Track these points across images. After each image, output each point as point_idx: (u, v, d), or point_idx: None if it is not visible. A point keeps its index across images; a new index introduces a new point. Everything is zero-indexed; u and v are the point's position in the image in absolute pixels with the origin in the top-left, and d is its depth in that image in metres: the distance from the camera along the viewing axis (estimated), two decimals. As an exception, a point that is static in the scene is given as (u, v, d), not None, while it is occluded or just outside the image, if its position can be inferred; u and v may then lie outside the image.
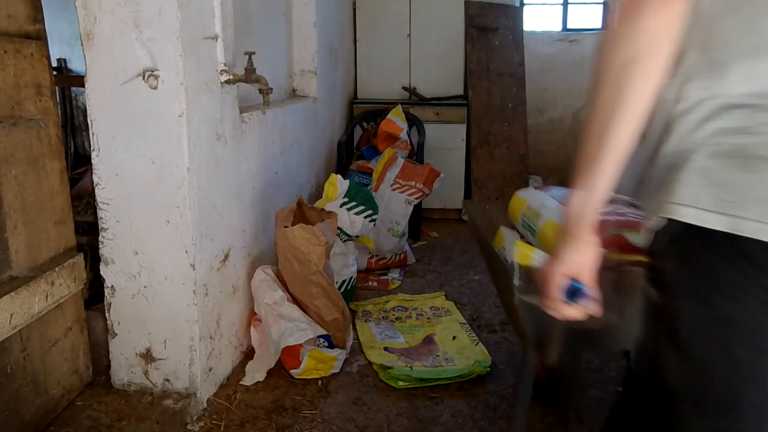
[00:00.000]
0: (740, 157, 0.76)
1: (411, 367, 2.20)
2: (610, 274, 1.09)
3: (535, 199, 1.74)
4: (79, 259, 1.81)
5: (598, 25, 4.61)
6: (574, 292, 0.89)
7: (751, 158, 0.75)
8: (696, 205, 0.78)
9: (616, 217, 1.48)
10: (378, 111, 4.11)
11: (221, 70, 1.92)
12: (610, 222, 1.45)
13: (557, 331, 1.25)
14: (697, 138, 0.80)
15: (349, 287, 2.67)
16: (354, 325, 2.50)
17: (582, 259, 0.88)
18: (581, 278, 0.89)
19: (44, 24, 1.70)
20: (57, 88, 3.77)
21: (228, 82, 1.95)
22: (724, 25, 0.77)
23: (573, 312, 0.91)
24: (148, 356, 1.88)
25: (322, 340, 2.15)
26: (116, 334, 1.89)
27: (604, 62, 0.78)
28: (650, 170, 0.88)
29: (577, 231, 0.87)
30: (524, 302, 1.35)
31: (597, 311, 0.92)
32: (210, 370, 1.96)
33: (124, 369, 1.90)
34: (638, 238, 1.35)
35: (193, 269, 1.81)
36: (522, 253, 1.37)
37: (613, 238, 1.41)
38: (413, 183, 3.26)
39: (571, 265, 0.88)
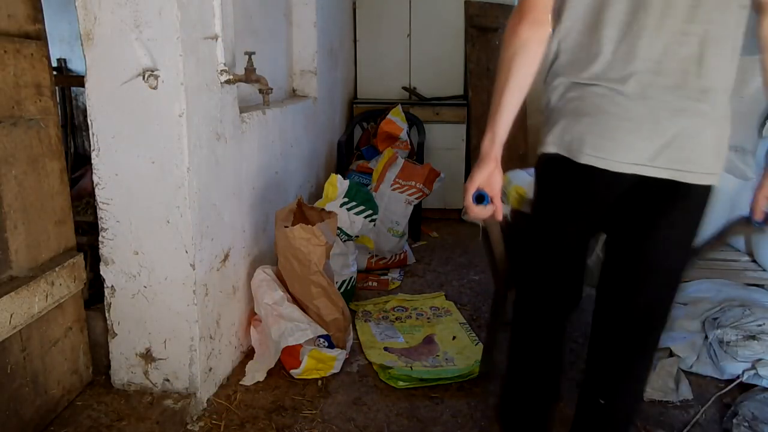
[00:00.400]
0: (577, 114, 1.23)
1: (411, 367, 2.20)
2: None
3: (511, 175, 2.26)
4: (79, 259, 1.81)
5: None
6: (480, 198, 1.28)
7: (580, 114, 1.23)
8: (557, 142, 1.27)
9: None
10: (378, 111, 4.11)
11: (221, 70, 1.92)
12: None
13: (494, 232, 1.75)
14: (559, 102, 1.27)
15: (349, 287, 2.67)
16: (354, 325, 2.50)
17: (486, 175, 1.26)
18: (487, 189, 1.27)
19: (44, 24, 1.70)
20: (57, 88, 3.77)
21: (228, 82, 1.95)
22: (573, 40, 1.24)
23: (482, 212, 1.29)
24: (148, 356, 1.88)
25: (322, 340, 2.15)
26: (116, 334, 1.89)
27: (502, 54, 1.23)
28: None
29: (485, 157, 1.26)
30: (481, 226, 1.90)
31: (498, 213, 1.30)
32: (210, 370, 1.96)
33: (124, 369, 1.91)
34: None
35: (193, 269, 1.81)
36: None
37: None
38: (413, 183, 3.26)
39: (480, 179, 1.26)
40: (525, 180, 2.08)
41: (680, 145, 1.19)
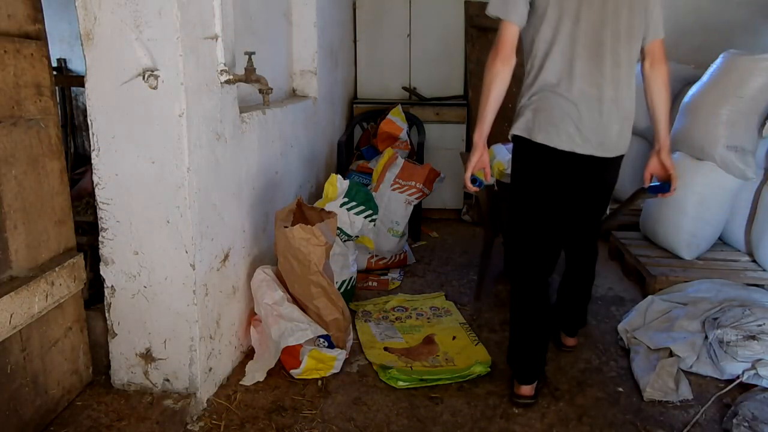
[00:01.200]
0: (536, 111, 1.83)
1: (411, 367, 2.20)
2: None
3: (496, 149, 3.04)
4: (79, 259, 1.81)
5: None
6: (474, 181, 1.94)
7: (538, 110, 1.82)
8: (522, 128, 1.86)
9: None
10: (378, 111, 4.12)
11: (221, 70, 1.92)
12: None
13: (482, 197, 2.71)
14: (526, 103, 1.86)
15: (349, 287, 2.67)
16: (354, 325, 2.50)
17: (478, 158, 1.90)
18: (479, 165, 1.90)
19: (44, 24, 1.70)
20: (57, 88, 3.77)
21: (228, 82, 1.95)
22: (539, 64, 1.84)
23: (476, 190, 1.98)
24: (148, 356, 1.88)
25: (322, 340, 2.15)
26: (116, 334, 1.89)
27: (485, 77, 1.83)
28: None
29: (476, 147, 1.89)
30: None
31: (487, 177, 1.97)
32: (210, 370, 1.96)
33: (124, 369, 1.91)
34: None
35: (193, 269, 1.81)
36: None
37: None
38: (413, 183, 3.26)
39: (474, 161, 1.90)
40: (505, 157, 2.86)
41: (598, 133, 1.84)
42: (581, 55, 1.78)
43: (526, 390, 1.97)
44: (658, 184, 2.06)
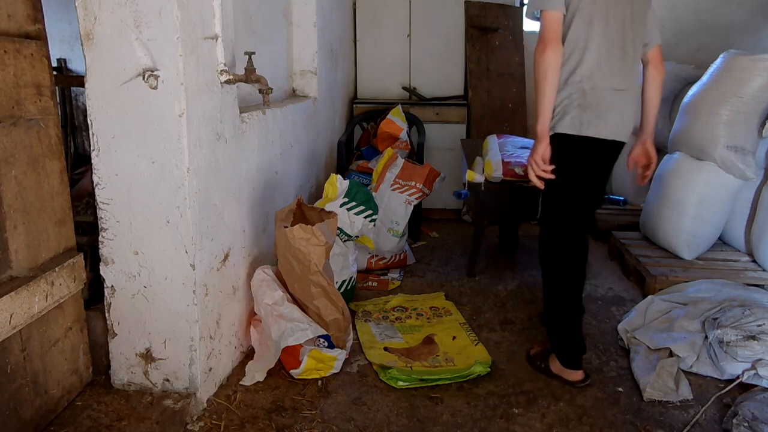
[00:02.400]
0: (582, 107, 1.98)
1: (411, 368, 2.20)
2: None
3: (490, 142, 3.25)
4: (79, 259, 1.81)
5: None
6: (460, 195, 2.91)
7: (584, 107, 1.98)
8: (569, 125, 2.01)
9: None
10: (378, 111, 4.12)
11: (221, 70, 1.92)
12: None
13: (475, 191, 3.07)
14: (568, 102, 2.00)
15: (349, 287, 2.67)
16: (354, 325, 2.50)
17: (544, 147, 2.00)
18: (542, 156, 2.01)
19: (44, 24, 1.70)
20: (57, 88, 3.77)
21: (228, 82, 1.95)
22: (577, 59, 1.98)
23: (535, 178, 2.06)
24: (148, 356, 1.88)
25: (322, 340, 2.15)
26: (116, 334, 1.89)
27: (538, 69, 1.93)
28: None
29: (542, 137, 1.99)
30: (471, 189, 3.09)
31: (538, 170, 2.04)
32: (210, 370, 1.96)
33: (124, 369, 1.91)
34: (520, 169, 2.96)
35: (193, 269, 1.81)
36: (470, 173, 3.02)
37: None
38: (413, 183, 3.26)
39: (541, 150, 2.00)
40: (495, 157, 3.06)
41: (628, 121, 2.07)
42: (613, 53, 1.98)
43: (580, 374, 2.12)
44: (620, 198, 3.03)
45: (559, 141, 2.02)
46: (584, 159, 2.05)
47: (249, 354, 2.26)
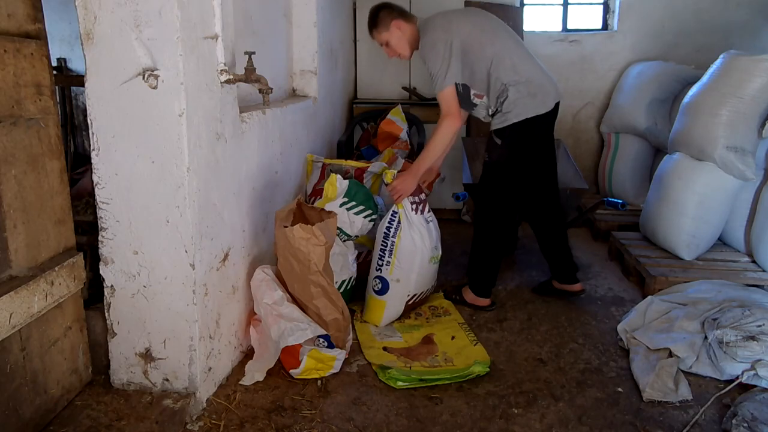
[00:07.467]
0: (527, 96, 2.52)
1: (410, 367, 2.20)
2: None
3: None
4: (79, 258, 1.81)
5: (598, 25, 4.60)
6: (458, 198, 3.37)
7: (528, 96, 2.53)
8: (532, 111, 2.54)
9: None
10: (378, 111, 4.11)
11: (221, 70, 1.92)
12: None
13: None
14: (513, 98, 2.52)
15: (349, 287, 2.67)
16: (353, 325, 2.50)
17: (415, 184, 2.56)
18: (409, 190, 2.54)
19: (44, 24, 1.70)
20: (57, 87, 3.77)
21: (228, 82, 1.95)
22: (503, 68, 2.56)
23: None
24: (147, 356, 1.88)
25: (321, 340, 2.15)
26: (116, 334, 1.89)
27: (438, 133, 2.59)
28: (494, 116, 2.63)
29: (416, 174, 2.57)
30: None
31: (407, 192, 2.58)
32: (209, 369, 1.96)
33: (124, 369, 1.91)
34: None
35: (193, 269, 1.81)
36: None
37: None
38: (413, 183, 3.25)
39: (415, 184, 2.56)
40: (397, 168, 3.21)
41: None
42: (517, 51, 2.59)
43: (487, 301, 2.75)
44: (619, 201, 3.18)
45: (512, 129, 2.51)
46: (538, 132, 2.60)
47: (249, 354, 2.26)
